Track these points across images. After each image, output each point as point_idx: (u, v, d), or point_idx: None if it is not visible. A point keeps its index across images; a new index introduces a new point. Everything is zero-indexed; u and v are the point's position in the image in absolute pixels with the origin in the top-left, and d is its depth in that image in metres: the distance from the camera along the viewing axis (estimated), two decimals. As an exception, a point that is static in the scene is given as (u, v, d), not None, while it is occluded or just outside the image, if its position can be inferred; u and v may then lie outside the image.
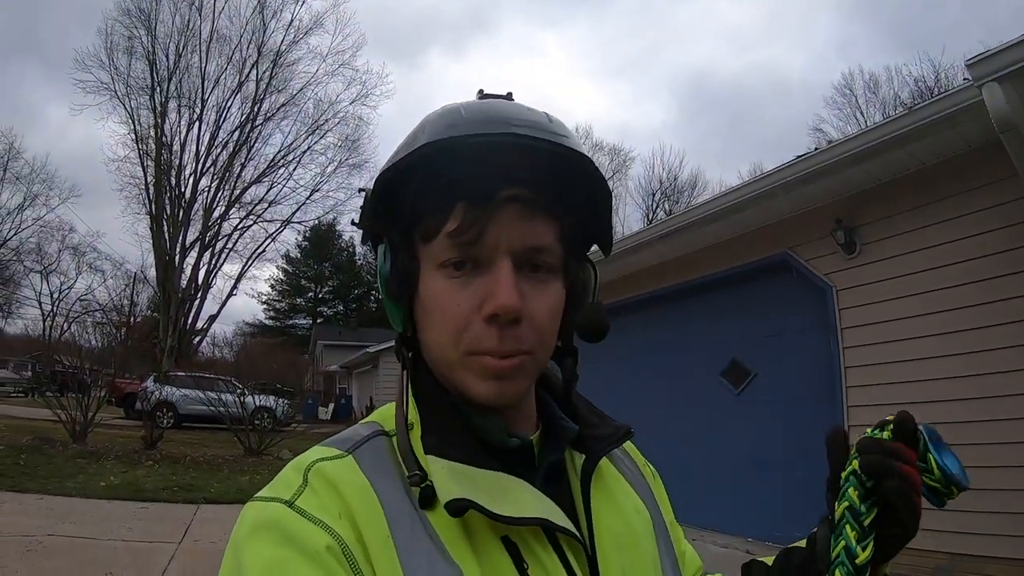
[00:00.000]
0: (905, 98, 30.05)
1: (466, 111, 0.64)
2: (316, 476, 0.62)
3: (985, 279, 4.56)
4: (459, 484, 0.60)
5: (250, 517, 0.60)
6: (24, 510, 6.76)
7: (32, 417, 15.36)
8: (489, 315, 0.63)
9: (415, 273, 0.68)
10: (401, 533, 0.59)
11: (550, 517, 0.63)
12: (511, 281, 0.63)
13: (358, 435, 0.69)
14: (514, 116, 0.63)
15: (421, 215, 0.66)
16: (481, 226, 0.63)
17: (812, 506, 4.08)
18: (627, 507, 0.76)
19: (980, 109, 3.89)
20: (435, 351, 0.68)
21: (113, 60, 29.46)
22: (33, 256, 37.44)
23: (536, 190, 0.65)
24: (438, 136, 0.62)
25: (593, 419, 0.79)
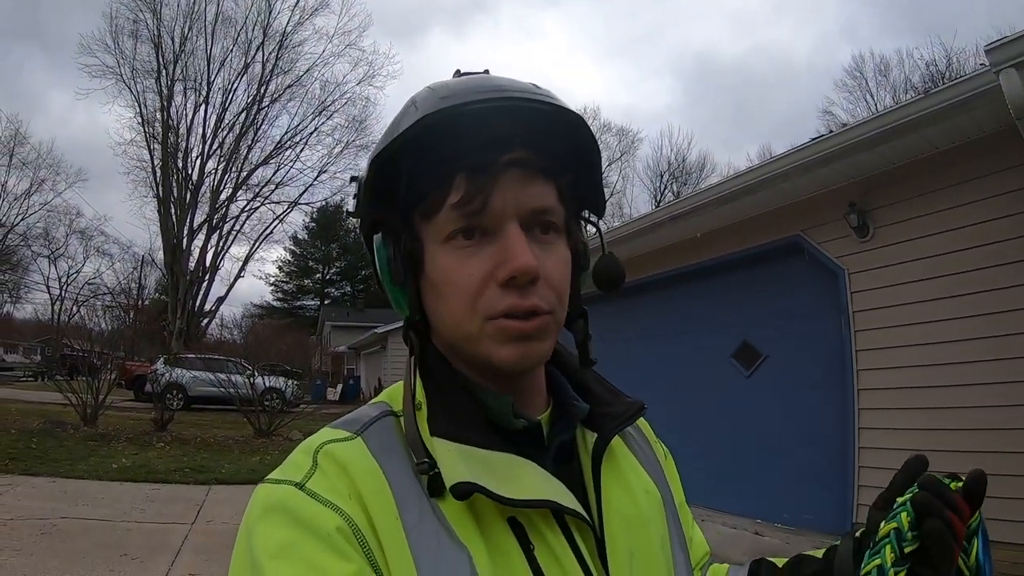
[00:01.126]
0: (916, 82, 29.82)
1: (454, 84, 0.65)
2: (326, 458, 0.62)
3: (999, 264, 4.52)
4: (465, 466, 0.60)
5: (261, 499, 0.60)
6: (37, 493, 6.85)
7: (43, 401, 15.51)
8: (506, 278, 0.63)
9: (419, 253, 0.68)
10: (410, 515, 0.59)
11: (558, 499, 0.63)
12: (524, 243, 0.63)
13: (366, 416, 0.69)
14: (504, 84, 0.64)
15: (421, 192, 0.66)
16: (486, 193, 0.63)
17: (820, 489, 4.15)
18: (637, 487, 0.76)
19: (996, 95, 3.84)
20: (450, 327, 0.68)
21: (118, 43, 29.46)
22: (41, 241, 37.67)
23: (535, 152, 0.65)
24: (430, 110, 0.62)
25: (606, 396, 0.79)
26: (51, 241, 37.93)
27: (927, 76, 29.19)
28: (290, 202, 34.12)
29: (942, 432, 4.70)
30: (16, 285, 39.57)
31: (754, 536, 6.00)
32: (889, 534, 0.62)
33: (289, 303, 54.34)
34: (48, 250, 38.01)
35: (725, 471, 6.81)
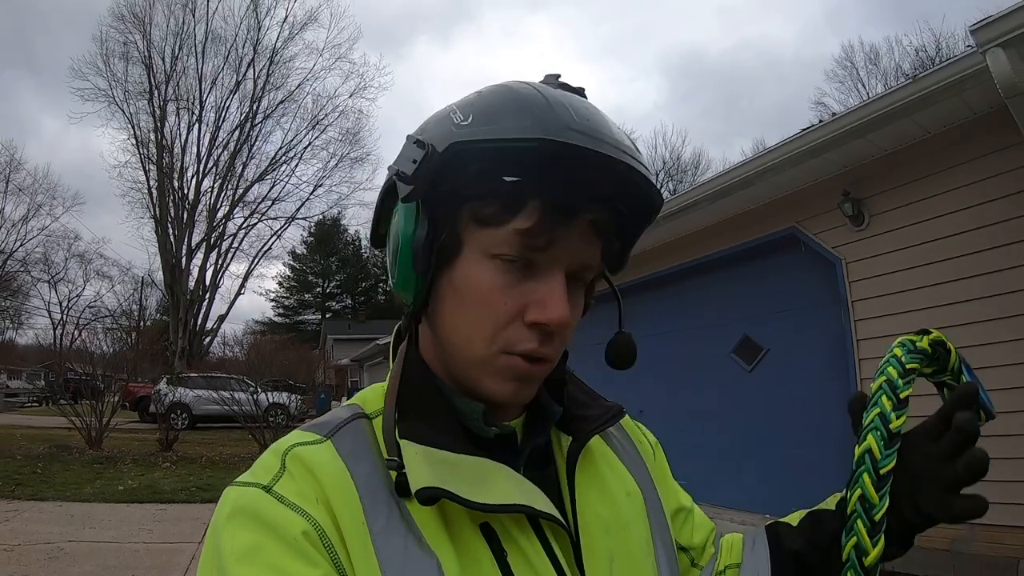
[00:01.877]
0: (907, 69, 29.78)
1: (576, 114, 0.61)
2: (293, 461, 0.61)
3: (996, 246, 4.52)
4: (433, 470, 0.59)
5: (229, 502, 0.59)
6: (44, 518, 6.82)
7: (47, 426, 15.51)
8: (539, 323, 0.62)
9: (455, 252, 0.65)
10: (376, 520, 0.58)
11: (531, 503, 0.62)
12: (564, 295, 0.63)
13: (337, 419, 0.67)
14: (616, 136, 0.62)
15: (488, 197, 0.62)
16: (553, 235, 0.61)
17: (828, 480, 4.11)
18: (617, 490, 0.75)
19: (985, 75, 3.84)
20: (457, 341, 0.66)
21: (110, 66, 29.60)
22: (40, 266, 37.73)
23: (609, 214, 0.65)
24: (550, 135, 0.58)
25: (582, 398, 0.78)
26: (51, 266, 38.05)
27: (917, 62, 29.21)
28: (287, 217, 34.21)
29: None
30: (17, 311, 39.73)
31: (764, 531, 5.97)
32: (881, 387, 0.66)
33: (290, 318, 54.39)
34: (48, 275, 38.14)
35: (732, 468, 6.80)
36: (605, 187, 0.63)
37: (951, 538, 4.59)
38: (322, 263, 55.07)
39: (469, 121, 0.61)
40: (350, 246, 55.66)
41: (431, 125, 0.65)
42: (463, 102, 0.65)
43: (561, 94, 0.63)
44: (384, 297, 54.67)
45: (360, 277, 55.78)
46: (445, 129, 0.62)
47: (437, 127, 0.63)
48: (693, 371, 7.34)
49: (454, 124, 0.62)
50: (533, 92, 0.62)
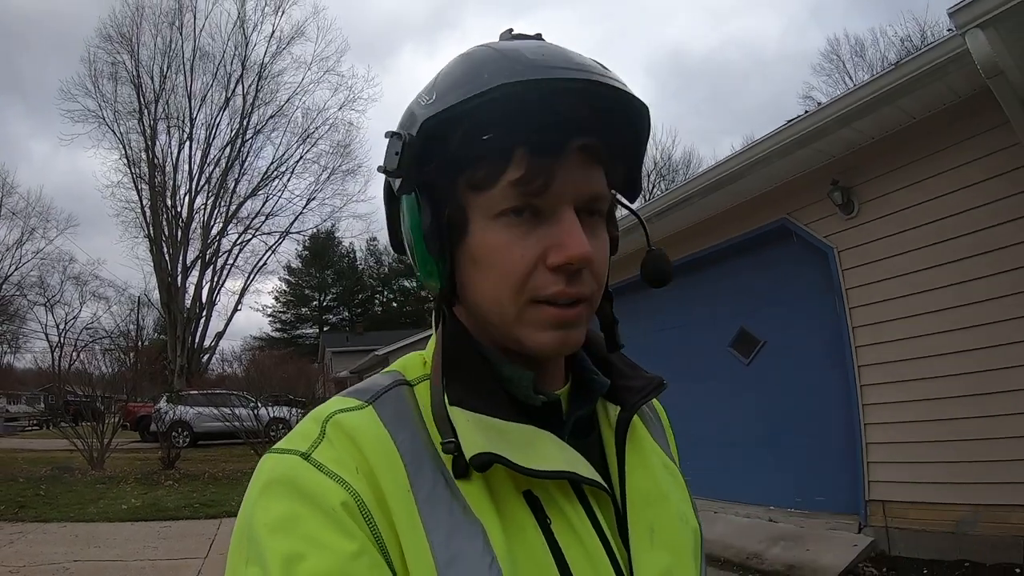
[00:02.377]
0: (893, 59, 29.83)
1: (529, 52, 0.61)
2: (334, 427, 0.60)
3: (987, 227, 4.54)
4: (484, 436, 0.59)
5: (266, 470, 0.58)
6: (48, 539, 6.81)
7: (49, 448, 15.48)
8: (561, 264, 0.61)
9: (463, 225, 0.64)
10: (421, 487, 0.57)
11: (577, 470, 0.62)
12: (580, 229, 0.61)
13: (378, 385, 0.66)
14: (577, 60, 0.61)
15: (474, 161, 0.62)
16: (548, 175, 0.60)
17: (830, 469, 4.15)
18: (656, 463, 0.75)
19: (966, 58, 3.86)
20: (488, 306, 0.65)
21: (99, 87, 29.57)
22: (36, 289, 37.56)
23: (601, 138, 0.63)
24: (507, 79, 0.58)
25: (626, 370, 0.77)
26: (46, 289, 37.86)
27: (903, 52, 29.19)
28: (281, 232, 34.13)
29: (946, 401, 4.71)
30: (15, 335, 39.57)
31: (769, 523, 6.00)
32: None
33: (288, 332, 54.21)
34: (44, 298, 37.95)
35: (734, 461, 6.80)
36: (579, 110, 0.62)
37: (956, 520, 4.60)
38: (318, 276, 54.95)
39: (433, 98, 0.61)
40: (345, 258, 55.58)
41: (404, 117, 0.66)
42: (427, 85, 0.65)
43: (514, 43, 0.64)
44: (381, 308, 54.68)
45: (356, 289, 55.66)
46: (415, 113, 0.63)
47: (408, 115, 0.65)
48: (691, 366, 7.34)
49: (421, 105, 0.63)
50: (485, 49, 0.63)
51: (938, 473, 4.74)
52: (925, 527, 4.78)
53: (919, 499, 4.85)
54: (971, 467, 4.54)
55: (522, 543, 0.58)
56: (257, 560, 0.53)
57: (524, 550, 0.58)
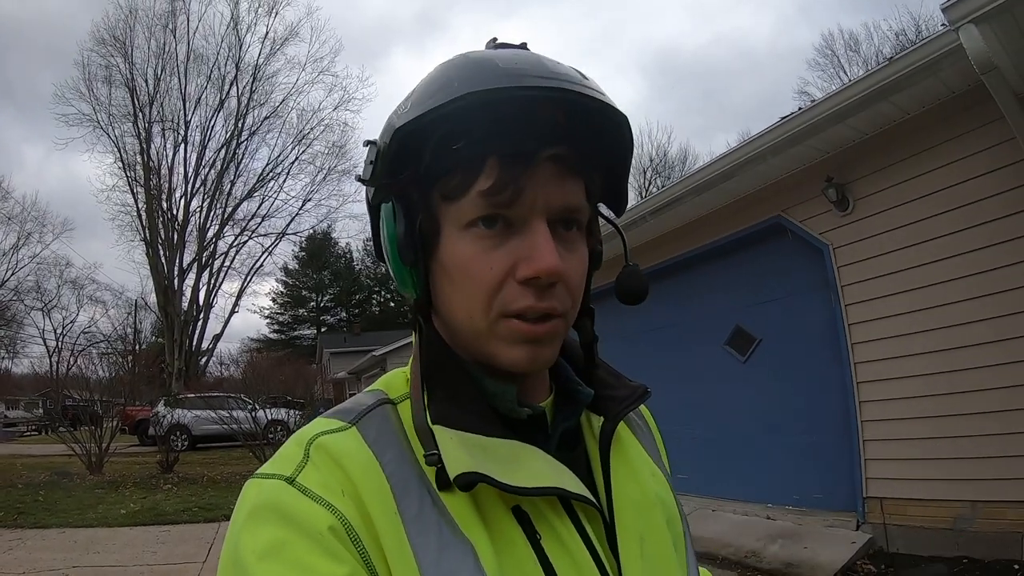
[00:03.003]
0: (888, 53, 29.87)
1: (501, 61, 0.59)
2: (318, 451, 0.59)
3: (982, 223, 4.53)
4: (469, 455, 0.58)
5: (250, 496, 0.58)
6: (48, 545, 6.80)
7: (47, 454, 15.45)
8: (528, 278, 0.60)
9: (435, 234, 0.63)
10: (408, 507, 0.57)
11: (564, 485, 0.61)
12: (551, 242, 0.60)
13: (361, 405, 0.66)
14: (554, 70, 0.60)
15: (447, 171, 0.61)
16: (519, 185, 0.59)
17: (828, 467, 4.15)
18: (644, 471, 0.75)
19: (960, 53, 3.86)
20: (460, 318, 0.64)
21: (93, 90, 29.40)
22: (33, 294, 37.42)
23: (575, 148, 0.62)
24: (475, 87, 0.56)
25: (610, 379, 0.76)
26: (43, 293, 37.74)
27: (898, 47, 29.27)
28: (277, 233, 34.08)
29: (942, 397, 4.71)
30: (12, 340, 39.48)
31: (766, 520, 6.00)
32: None
33: (286, 334, 54.18)
34: (41, 303, 37.85)
35: (731, 459, 6.81)
36: (552, 119, 0.60)
37: (954, 516, 4.60)
38: (315, 277, 54.92)
39: (408, 108, 0.60)
40: (342, 259, 55.56)
41: (383, 127, 0.65)
42: (407, 95, 0.64)
43: (490, 52, 0.63)
44: (378, 309, 54.65)
45: (353, 290, 55.63)
46: (390, 123, 0.62)
47: (386, 125, 0.64)
48: (687, 364, 7.34)
49: (396, 115, 0.62)
50: (460, 58, 0.62)
51: (936, 470, 4.74)
52: (923, 524, 4.78)
53: (917, 496, 4.85)
54: (969, 463, 4.54)
55: (513, 560, 0.58)
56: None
57: (515, 567, 0.57)
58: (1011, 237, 4.38)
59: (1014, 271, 4.36)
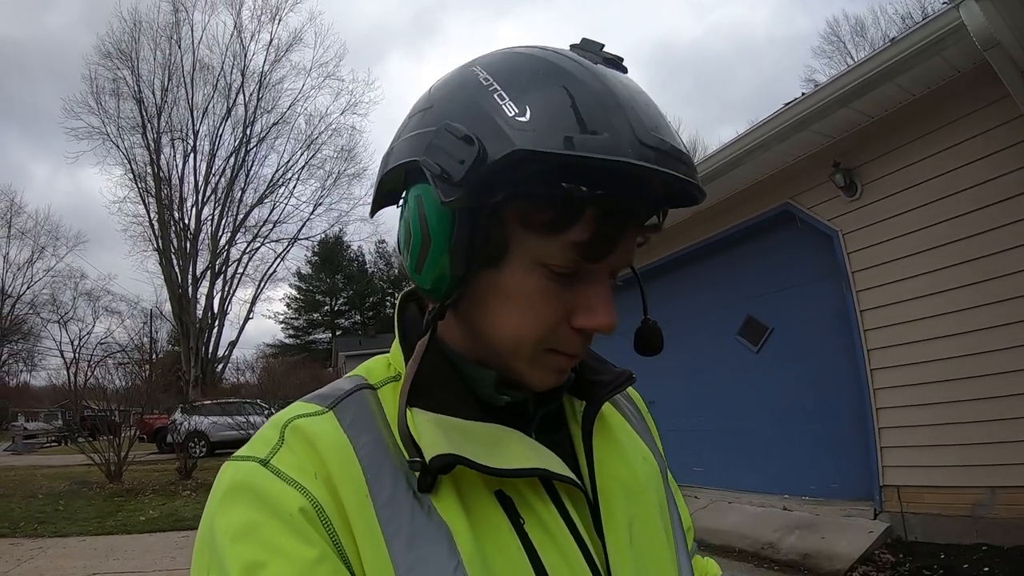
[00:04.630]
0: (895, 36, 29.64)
1: (648, 121, 0.56)
2: (293, 433, 0.59)
3: (993, 203, 4.47)
4: (445, 438, 0.58)
5: (226, 478, 0.58)
6: (68, 553, 6.85)
7: (67, 464, 15.58)
8: (589, 330, 0.62)
9: (500, 256, 0.59)
10: (381, 492, 0.56)
11: (547, 466, 0.61)
12: (611, 298, 0.62)
13: (339, 390, 0.65)
14: (678, 145, 0.57)
15: (540, 202, 0.57)
16: (611, 245, 0.59)
17: (843, 456, 4.11)
18: (633, 455, 0.74)
19: (963, 32, 3.80)
20: (503, 338, 0.62)
21: (101, 103, 29.80)
22: (49, 307, 37.81)
23: (659, 220, 0.64)
24: (627, 156, 0.52)
25: (593, 364, 0.77)
26: (59, 306, 38.09)
27: (904, 30, 29.07)
28: (290, 239, 34.31)
29: (958, 382, 4.65)
30: (30, 353, 39.91)
31: (783, 511, 5.95)
32: None
33: (301, 339, 54.39)
34: (57, 315, 38.22)
35: (746, 450, 6.77)
36: (656, 192, 0.61)
37: (972, 503, 4.55)
38: (328, 281, 55.10)
39: (527, 119, 0.53)
40: (354, 262, 55.71)
41: (469, 106, 0.57)
42: (504, 77, 0.58)
43: (621, 85, 0.58)
44: (392, 310, 54.66)
45: (367, 292, 55.76)
46: (495, 123, 0.54)
47: (480, 115, 0.56)
48: (700, 356, 7.28)
49: (507, 119, 0.54)
50: (597, 85, 0.56)
51: (952, 456, 4.68)
52: (941, 511, 4.73)
53: (934, 483, 4.80)
54: (986, 449, 4.48)
55: (496, 545, 0.57)
56: (218, 569, 0.53)
57: (498, 551, 0.57)
58: (1022, 216, 4.31)
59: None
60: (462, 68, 0.63)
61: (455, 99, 0.59)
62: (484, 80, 0.58)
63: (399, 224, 0.65)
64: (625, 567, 0.64)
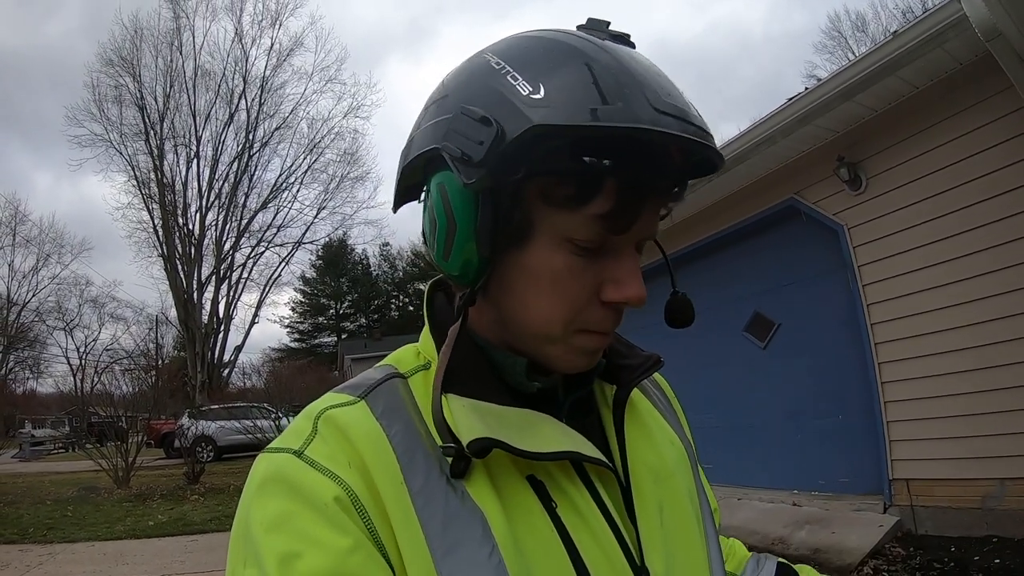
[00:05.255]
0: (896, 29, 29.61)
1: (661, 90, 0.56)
2: (326, 423, 0.60)
3: (998, 194, 4.46)
4: (482, 422, 0.58)
5: (260, 470, 0.59)
6: (78, 558, 6.88)
7: (75, 470, 15.65)
8: (619, 302, 0.62)
9: (525, 235, 0.60)
10: (415, 479, 0.57)
11: (579, 449, 0.61)
12: (638, 270, 0.62)
13: (370, 379, 0.66)
14: (691, 111, 0.58)
15: (561, 176, 0.57)
16: (633, 215, 0.59)
17: (852, 450, 4.10)
18: (661, 439, 0.75)
19: (964, 23, 3.79)
20: (533, 320, 0.62)
21: (103, 110, 29.83)
22: (54, 314, 37.95)
23: (680, 189, 0.64)
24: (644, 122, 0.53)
25: (621, 349, 0.77)
26: (64, 313, 38.20)
27: (905, 24, 29.03)
28: (294, 243, 34.33)
29: (966, 374, 4.64)
30: (36, 360, 40.00)
31: (792, 507, 5.94)
32: None
33: (306, 342, 54.46)
34: (63, 322, 38.32)
35: (754, 446, 6.76)
36: (677, 161, 0.60)
37: (982, 495, 4.53)
38: (333, 285, 55.17)
39: (542, 96, 0.54)
40: (359, 265, 55.79)
41: (483, 90, 0.58)
42: (516, 59, 0.58)
43: (630, 57, 0.59)
44: (398, 314, 54.80)
45: (371, 295, 55.86)
46: (511, 103, 0.55)
47: (495, 96, 0.56)
48: (708, 352, 7.26)
49: (522, 97, 0.55)
50: (606, 57, 0.57)
51: (961, 448, 4.67)
52: (951, 504, 4.72)
53: (944, 476, 4.79)
54: (995, 440, 4.47)
55: (529, 528, 0.58)
56: (254, 561, 0.53)
57: (531, 535, 0.58)
58: (1028, 208, 4.30)
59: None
60: (473, 57, 0.64)
61: (469, 85, 0.60)
62: (496, 64, 0.59)
63: (423, 216, 0.66)
64: (656, 550, 0.64)
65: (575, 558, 0.58)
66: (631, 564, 0.62)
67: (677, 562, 0.66)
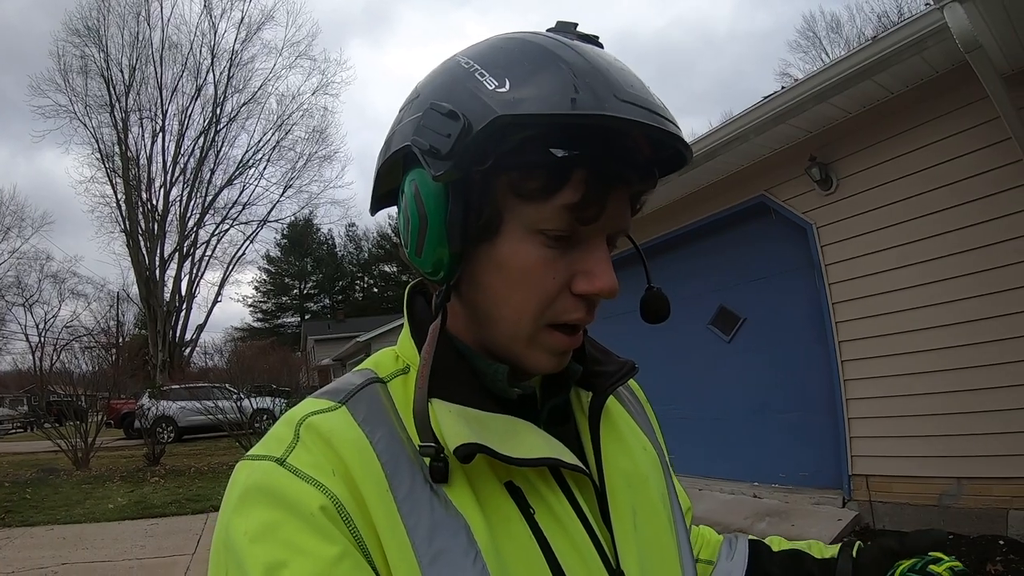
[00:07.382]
0: (870, 35, 29.95)
1: (623, 80, 0.57)
2: (307, 430, 0.59)
3: (965, 202, 4.54)
4: (468, 428, 0.58)
5: (241, 478, 0.58)
6: (36, 543, 6.75)
7: (33, 451, 15.34)
8: (590, 294, 0.62)
9: (495, 228, 0.60)
10: (400, 486, 0.56)
11: (559, 456, 0.62)
12: (609, 261, 0.62)
13: (350, 384, 0.65)
14: (655, 100, 0.58)
15: (528, 168, 0.58)
16: (601, 206, 0.60)
17: (813, 445, 4.17)
18: (635, 445, 0.77)
19: (944, 32, 3.83)
20: (505, 316, 0.63)
21: (68, 81, 29.17)
22: (13, 290, 36.89)
23: (650, 179, 0.64)
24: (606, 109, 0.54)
25: (597, 355, 0.78)
26: (24, 289, 37.16)
27: (880, 28, 29.37)
28: (259, 221, 33.93)
29: (926, 375, 4.74)
30: (-6, 338, 39.02)
31: (753, 499, 6.05)
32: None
33: (270, 322, 53.98)
34: (22, 298, 37.41)
35: (717, 438, 6.84)
36: (649, 155, 0.62)
37: (939, 493, 4.65)
38: (297, 265, 54.69)
39: (507, 88, 0.55)
40: (324, 245, 55.35)
41: (453, 88, 0.59)
42: (484, 59, 0.59)
43: (596, 53, 0.59)
44: (362, 295, 54.50)
45: (336, 276, 55.49)
46: (477, 98, 0.56)
47: (463, 93, 0.57)
48: (672, 344, 7.31)
49: (488, 92, 0.56)
50: (571, 53, 0.58)
51: (921, 447, 4.79)
52: (909, 500, 4.84)
53: (902, 473, 4.90)
54: (953, 440, 4.59)
55: (508, 535, 0.58)
56: (238, 570, 0.53)
57: (510, 542, 0.58)
58: (995, 216, 4.39)
59: (995, 251, 4.38)
60: (446, 60, 0.65)
61: (440, 85, 0.61)
62: (466, 64, 0.60)
63: (398, 216, 0.67)
64: (631, 553, 0.66)
65: (552, 563, 0.59)
66: (607, 567, 0.63)
67: (651, 564, 0.68)
